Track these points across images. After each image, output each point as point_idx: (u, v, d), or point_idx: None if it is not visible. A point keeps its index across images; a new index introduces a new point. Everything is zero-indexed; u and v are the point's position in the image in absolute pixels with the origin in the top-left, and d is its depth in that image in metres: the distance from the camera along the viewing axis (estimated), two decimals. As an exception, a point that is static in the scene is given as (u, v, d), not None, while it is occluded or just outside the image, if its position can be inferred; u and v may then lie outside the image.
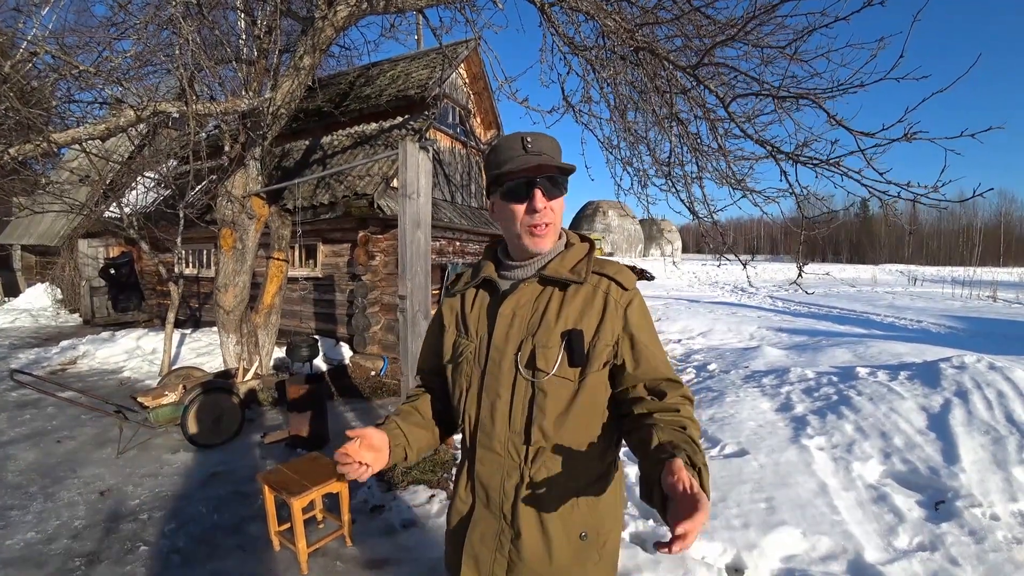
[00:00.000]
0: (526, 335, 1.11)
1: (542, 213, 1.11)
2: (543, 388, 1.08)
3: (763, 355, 6.46)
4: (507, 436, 1.11)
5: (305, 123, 8.37)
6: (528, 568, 1.10)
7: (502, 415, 1.11)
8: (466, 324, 1.22)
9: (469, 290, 1.25)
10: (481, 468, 1.15)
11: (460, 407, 1.19)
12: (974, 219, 66.99)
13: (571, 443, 1.09)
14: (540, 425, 1.08)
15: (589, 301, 1.11)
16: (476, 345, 1.17)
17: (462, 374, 1.18)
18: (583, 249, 1.19)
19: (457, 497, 1.22)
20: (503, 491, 1.12)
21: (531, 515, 1.09)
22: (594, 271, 1.15)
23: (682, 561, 2.47)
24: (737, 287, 21.90)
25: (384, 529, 3.04)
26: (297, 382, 4.32)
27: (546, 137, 1.13)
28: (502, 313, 1.14)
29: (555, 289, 1.14)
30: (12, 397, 5.54)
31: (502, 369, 1.12)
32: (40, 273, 14.18)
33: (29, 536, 2.94)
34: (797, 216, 4.36)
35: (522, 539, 1.09)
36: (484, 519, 1.15)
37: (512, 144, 1.11)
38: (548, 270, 1.14)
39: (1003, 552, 2.43)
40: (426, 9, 5.11)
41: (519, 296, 1.15)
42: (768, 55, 3.93)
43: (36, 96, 4.54)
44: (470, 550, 1.15)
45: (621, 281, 1.13)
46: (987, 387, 3.73)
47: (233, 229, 5.30)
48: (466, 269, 1.32)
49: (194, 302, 9.77)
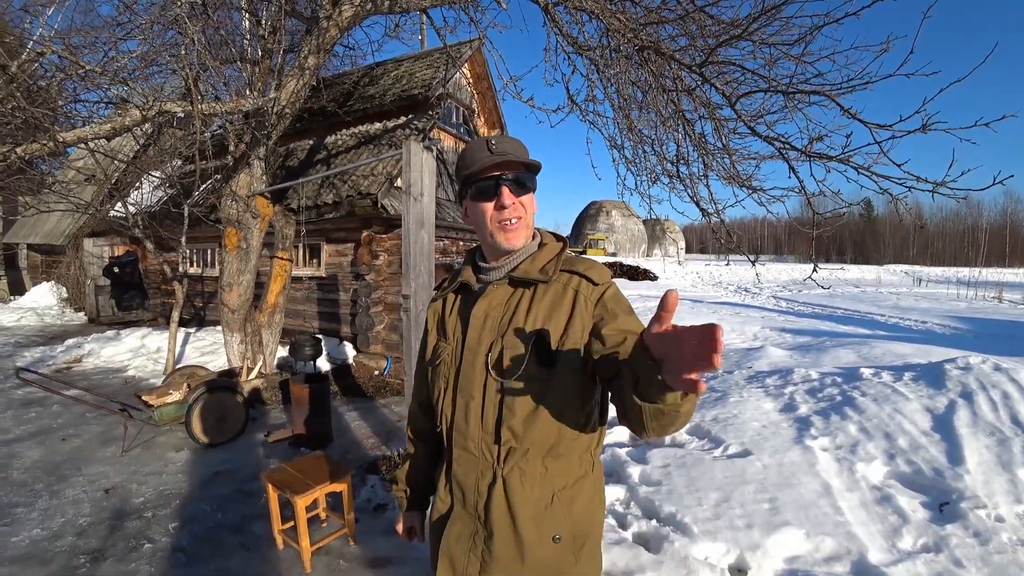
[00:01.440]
0: (496, 336, 1.12)
1: (510, 209, 1.13)
2: (511, 389, 1.08)
3: (767, 355, 6.44)
4: (480, 436, 1.12)
5: (309, 123, 8.39)
6: (500, 568, 1.10)
7: (475, 415, 1.13)
8: (444, 327, 1.25)
9: (449, 294, 1.28)
10: (457, 468, 1.17)
11: (438, 408, 1.21)
12: (979, 219, 66.65)
13: (542, 443, 1.09)
14: (509, 425, 1.09)
15: (558, 299, 1.11)
16: (453, 347, 1.20)
17: (440, 376, 1.21)
18: (554, 249, 1.20)
19: (438, 497, 1.25)
20: (477, 490, 1.14)
21: (503, 515, 1.10)
22: (564, 269, 1.15)
23: (685, 561, 2.46)
24: (741, 287, 21.85)
25: (387, 528, 3.05)
26: (300, 381, 4.33)
27: (510, 139, 1.16)
28: (475, 315, 1.16)
29: (525, 290, 1.15)
30: (18, 395, 5.57)
31: (475, 370, 1.13)
32: (45, 272, 14.25)
33: (35, 533, 2.96)
34: (803, 215, 4.34)
35: (494, 539, 1.10)
36: (461, 518, 1.17)
37: (478, 147, 1.15)
38: (518, 271, 1.16)
39: (1008, 554, 2.42)
40: (430, 9, 5.11)
41: (491, 298, 1.16)
42: (774, 55, 3.92)
43: (42, 96, 4.56)
44: (446, 549, 1.17)
45: (592, 277, 1.13)
46: (992, 388, 3.70)
47: (237, 228, 5.32)
48: (448, 274, 1.35)
49: (198, 301, 9.81)
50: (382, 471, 3.72)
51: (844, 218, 4.16)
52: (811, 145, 3.71)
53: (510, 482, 1.10)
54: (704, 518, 2.78)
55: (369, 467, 3.84)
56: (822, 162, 3.67)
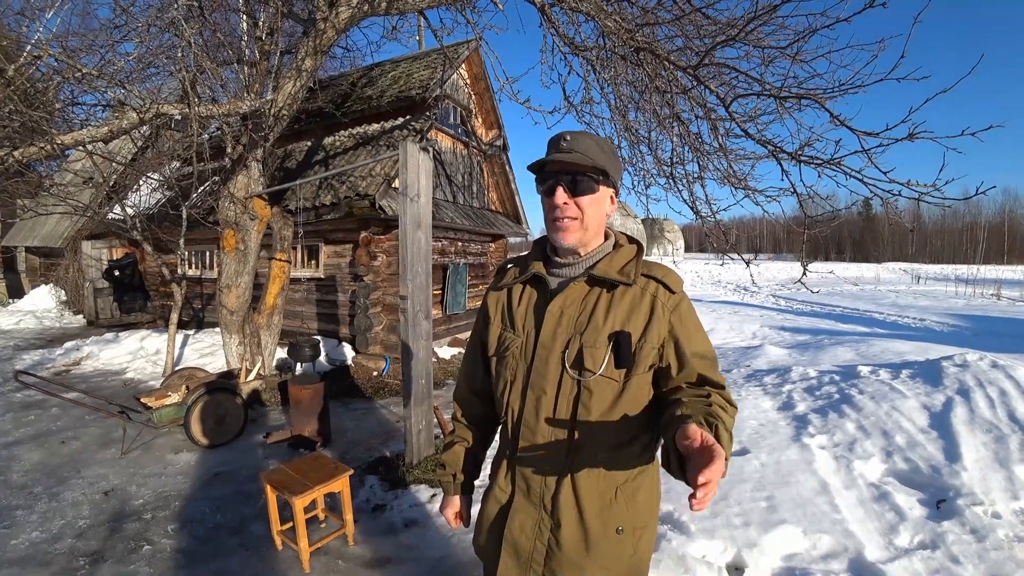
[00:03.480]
0: (573, 334, 1.13)
1: (562, 208, 1.13)
2: (589, 387, 1.10)
3: (765, 354, 6.45)
4: (550, 431, 1.14)
5: (307, 124, 8.39)
6: (566, 558, 1.14)
7: (546, 410, 1.14)
8: (512, 319, 1.24)
9: (516, 285, 1.27)
10: (523, 460, 1.18)
11: (503, 400, 1.22)
12: (978, 217, 66.70)
13: (612, 441, 1.12)
14: (584, 422, 1.11)
15: (637, 303, 1.13)
16: (523, 340, 1.20)
17: (507, 368, 1.21)
18: (631, 251, 1.21)
19: (496, 486, 1.26)
20: (544, 483, 1.16)
21: (571, 507, 1.13)
22: (642, 273, 1.16)
23: (682, 560, 2.47)
24: (740, 286, 21.86)
25: (386, 528, 3.05)
26: (299, 382, 4.33)
27: (586, 136, 1.15)
28: (551, 311, 1.16)
29: (603, 290, 1.16)
30: (17, 398, 5.57)
31: (548, 366, 1.14)
32: (44, 275, 14.24)
33: (34, 535, 2.96)
34: (799, 215, 4.35)
35: (562, 530, 1.13)
36: (524, 508, 1.19)
37: (553, 142, 1.16)
38: (597, 270, 1.16)
39: (1004, 550, 2.43)
40: (427, 10, 5.12)
41: (568, 295, 1.17)
42: (769, 55, 3.93)
43: (40, 99, 4.57)
44: (510, 537, 1.19)
45: (669, 284, 1.15)
46: (989, 385, 3.72)
47: (236, 230, 5.33)
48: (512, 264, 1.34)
49: (197, 303, 9.81)
50: (381, 471, 3.73)
51: (838, 219, 4.17)
52: (802, 150, 3.73)
53: (578, 476, 1.13)
54: (701, 516, 2.78)
55: (368, 468, 3.84)
56: (812, 166, 3.69)
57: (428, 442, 3.90)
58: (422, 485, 3.49)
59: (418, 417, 3.78)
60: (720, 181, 4.77)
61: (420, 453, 3.80)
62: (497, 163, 10.33)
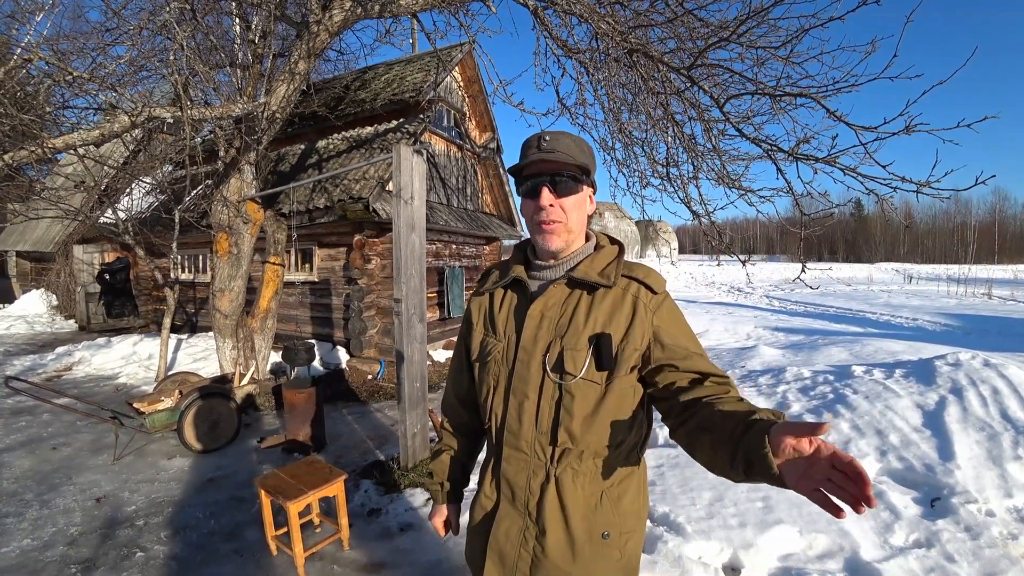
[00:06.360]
0: (554, 337, 1.12)
1: (547, 210, 1.12)
2: (570, 390, 1.09)
3: (759, 355, 6.47)
4: (534, 436, 1.13)
5: (300, 127, 8.36)
6: (552, 564, 1.12)
7: (529, 415, 1.13)
8: (494, 323, 1.23)
9: (498, 289, 1.26)
10: (507, 466, 1.17)
11: (487, 405, 1.20)
12: (968, 217, 67.30)
13: (596, 445, 1.10)
14: (567, 427, 1.09)
15: (618, 305, 1.11)
16: (504, 345, 1.19)
17: (489, 373, 1.20)
18: (612, 252, 1.20)
19: (482, 493, 1.24)
20: (529, 489, 1.14)
21: (556, 513, 1.11)
22: (623, 274, 1.15)
23: (679, 561, 2.47)
24: (734, 287, 21.95)
25: (381, 533, 3.04)
26: (293, 387, 4.31)
27: (565, 136, 1.14)
28: (531, 314, 1.15)
29: (583, 292, 1.14)
30: (8, 404, 5.51)
31: (530, 370, 1.13)
32: (35, 279, 14.12)
33: (25, 543, 2.93)
34: (793, 215, 4.37)
35: (547, 536, 1.12)
36: (509, 516, 1.17)
37: (530, 143, 1.15)
38: (577, 272, 1.14)
39: (999, 548, 2.44)
40: (420, 13, 5.11)
41: (548, 298, 1.15)
42: (761, 56, 3.95)
43: (31, 102, 4.53)
44: (495, 545, 1.17)
45: (651, 284, 1.13)
46: (982, 384, 3.74)
47: (229, 234, 5.30)
48: (494, 268, 1.32)
49: (190, 307, 9.74)
50: (376, 476, 3.71)
51: (833, 218, 4.19)
52: (798, 147, 3.74)
53: (563, 482, 1.11)
54: (698, 517, 2.79)
55: (363, 472, 3.82)
56: (809, 163, 3.70)
57: (423, 446, 3.89)
58: (417, 489, 3.48)
59: (413, 420, 3.77)
60: (715, 182, 4.79)
61: (415, 457, 3.79)
62: (491, 166, 10.33)
